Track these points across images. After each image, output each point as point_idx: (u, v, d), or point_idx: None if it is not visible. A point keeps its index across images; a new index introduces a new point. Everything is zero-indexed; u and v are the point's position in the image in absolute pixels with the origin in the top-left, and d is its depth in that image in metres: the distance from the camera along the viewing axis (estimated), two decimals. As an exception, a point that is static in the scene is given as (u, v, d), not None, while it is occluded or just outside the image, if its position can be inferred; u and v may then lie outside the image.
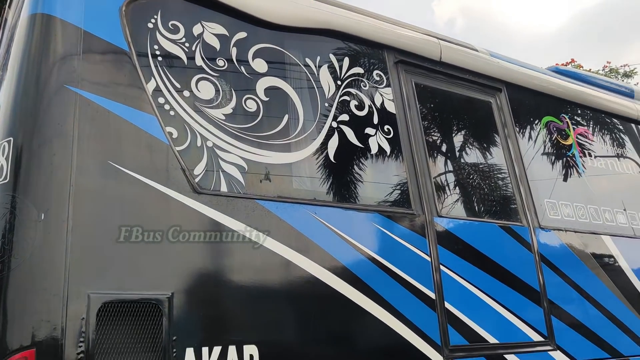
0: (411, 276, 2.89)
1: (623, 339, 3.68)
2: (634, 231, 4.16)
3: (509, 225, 3.43)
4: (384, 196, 3.08)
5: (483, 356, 3.01)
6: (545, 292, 3.39)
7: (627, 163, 4.55)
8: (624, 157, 4.55)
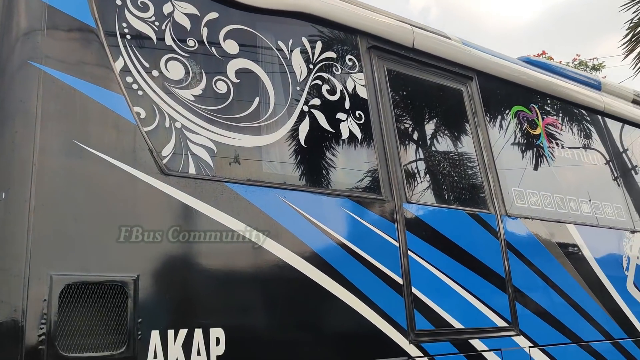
0: (379, 261, 2.91)
1: (584, 325, 3.78)
2: (598, 220, 4.26)
3: (476, 213, 3.48)
4: (354, 181, 3.09)
5: (448, 341, 3.06)
6: (510, 278, 3.45)
7: (593, 154, 4.64)
8: (589, 148, 4.64)
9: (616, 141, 4.97)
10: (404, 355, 2.85)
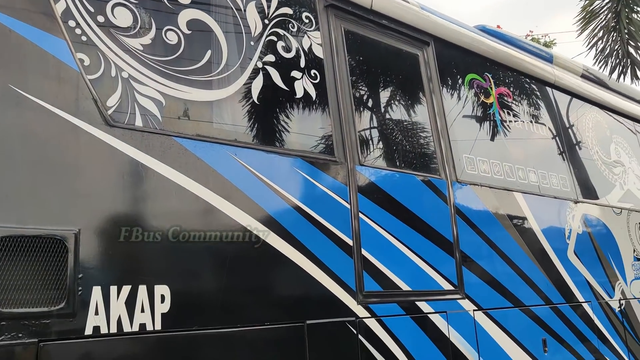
0: (330, 223, 2.90)
1: (525, 290, 3.89)
2: (544, 190, 4.36)
3: (428, 178, 3.50)
4: (307, 142, 3.04)
5: (395, 302, 3.09)
6: (458, 244, 3.51)
7: (541, 125, 4.73)
8: (539, 119, 4.72)
9: (564, 114, 5.08)
10: (352, 316, 2.86)
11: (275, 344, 2.59)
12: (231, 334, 2.46)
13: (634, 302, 4.93)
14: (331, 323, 2.79)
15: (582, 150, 5.07)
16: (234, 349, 2.48)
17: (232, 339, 2.46)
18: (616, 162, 5.47)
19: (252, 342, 2.53)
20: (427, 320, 3.21)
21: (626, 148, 5.76)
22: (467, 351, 3.35)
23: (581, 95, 5.32)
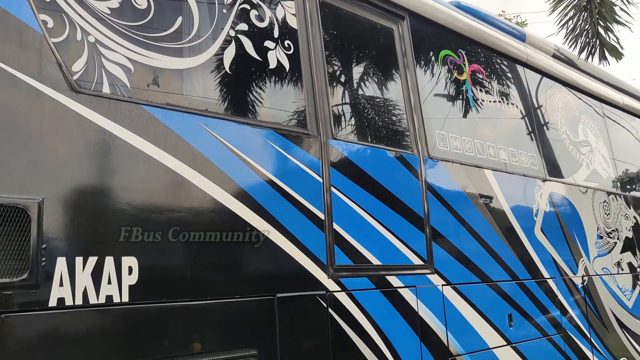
0: (302, 196, 2.87)
1: (493, 265, 3.95)
2: (513, 168, 4.41)
3: (400, 153, 3.49)
4: (280, 114, 2.99)
5: (366, 276, 3.10)
6: (428, 219, 3.52)
7: (513, 103, 4.76)
8: (510, 97, 4.75)
9: (534, 93, 5.12)
10: (323, 290, 2.86)
11: (245, 317, 2.57)
12: (200, 307, 2.43)
13: (595, 278, 5.05)
14: (301, 296, 2.78)
15: (551, 129, 5.13)
16: (203, 322, 2.45)
17: (201, 311, 2.43)
18: (583, 142, 5.56)
19: (221, 315, 2.50)
20: (397, 294, 3.23)
21: (593, 128, 5.86)
22: (435, 325, 3.39)
23: (552, 74, 5.36)
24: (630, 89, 7.14)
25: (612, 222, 5.54)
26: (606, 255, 5.32)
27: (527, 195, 4.49)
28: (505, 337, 3.88)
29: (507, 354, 3.87)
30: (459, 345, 3.52)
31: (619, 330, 5.23)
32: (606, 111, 6.28)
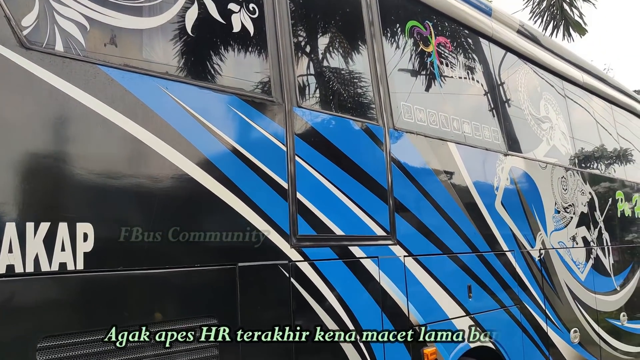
0: (265, 164, 2.82)
1: (454, 237, 3.99)
2: (476, 141, 4.43)
3: (365, 124, 3.46)
4: (243, 80, 2.91)
5: (329, 246, 3.08)
6: (392, 190, 3.52)
7: (477, 77, 4.77)
8: (475, 70, 4.75)
9: (498, 68, 5.14)
10: (285, 259, 2.83)
11: (205, 286, 2.52)
12: (159, 275, 2.36)
13: (552, 252, 5.18)
14: (263, 266, 2.75)
15: (513, 104, 5.17)
16: (162, 291, 2.39)
17: (160, 280, 2.37)
18: (545, 118, 5.64)
19: (181, 284, 2.45)
20: (359, 264, 3.22)
21: (554, 105, 5.94)
22: (396, 295, 3.41)
23: (516, 50, 5.39)
24: (590, 68, 7.26)
25: (569, 198, 5.67)
26: (562, 230, 5.45)
27: (488, 169, 4.54)
28: (465, 308, 3.94)
29: (466, 324, 3.93)
30: (420, 315, 3.55)
31: (571, 302, 5.39)
32: (567, 89, 6.38)
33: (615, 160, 7.40)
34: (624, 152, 7.65)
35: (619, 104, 7.82)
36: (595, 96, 7.15)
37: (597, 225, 6.23)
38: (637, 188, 7.69)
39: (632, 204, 7.40)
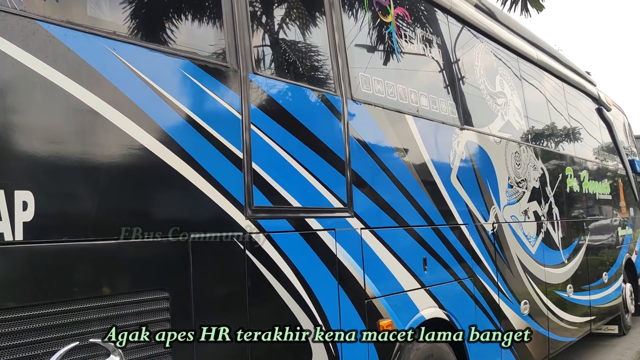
0: (219, 132, 2.71)
1: (410, 210, 3.98)
2: (433, 115, 4.42)
3: (323, 94, 3.38)
4: (197, 43, 2.77)
5: (285, 218, 3.01)
6: (349, 162, 3.47)
7: (435, 50, 4.74)
8: (432, 43, 4.72)
9: (456, 42, 5.13)
10: (240, 231, 2.74)
11: (156, 258, 2.42)
12: (106, 247, 2.25)
13: (505, 225, 5.26)
14: (217, 237, 2.65)
15: (470, 79, 5.18)
16: (110, 263, 2.27)
17: (108, 252, 2.25)
18: (500, 94, 5.68)
19: (130, 255, 2.33)
20: (316, 237, 3.17)
21: (509, 81, 6.00)
22: (353, 268, 3.39)
23: (473, 24, 5.39)
24: (544, 45, 7.36)
25: (522, 173, 5.76)
26: (515, 204, 5.54)
27: (445, 143, 4.54)
28: (420, 280, 3.96)
29: (421, 296, 3.95)
30: (376, 288, 3.54)
31: (522, 275, 5.51)
32: (522, 65, 6.45)
33: (566, 137, 7.56)
34: (573, 130, 7.83)
35: (570, 82, 7.98)
36: (548, 73, 7.26)
37: (548, 200, 6.38)
38: (585, 165, 7.90)
39: (580, 180, 7.61)
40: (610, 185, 8.96)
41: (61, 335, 2.07)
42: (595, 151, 8.69)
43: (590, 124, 8.69)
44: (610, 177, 9.10)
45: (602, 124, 9.30)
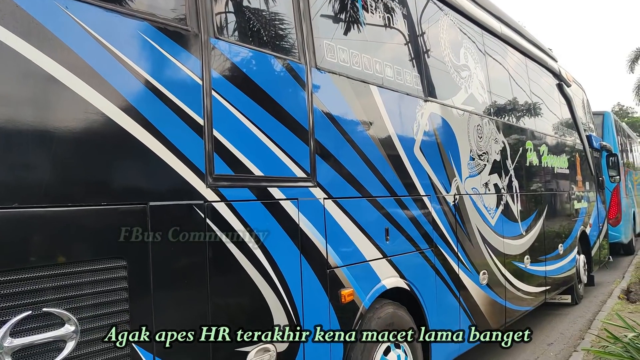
0: (179, 98, 2.63)
1: (373, 181, 3.98)
2: (398, 86, 4.41)
3: (287, 61, 3.32)
4: (156, 5, 2.65)
5: (247, 187, 2.97)
6: (313, 131, 3.43)
7: (401, 20, 4.70)
8: (398, 14, 4.68)
9: (421, 13, 5.09)
10: (200, 199, 2.69)
11: (113, 226, 2.34)
12: (61, 214, 2.17)
13: (465, 197, 5.33)
14: (176, 206, 2.60)
15: (435, 50, 5.17)
16: (65, 231, 2.20)
17: (62, 219, 2.18)
18: (464, 66, 5.70)
19: (86, 224, 2.26)
20: (278, 206, 3.14)
21: (473, 54, 6.02)
22: (315, 238, 3.38)
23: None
24: (508, 20, 7.39)
25: (483, 145, 5.83)
26: (476, 176, 5.61)
27: (408, 114, 4.54)
28: (382, 250, 3.99)
29: (383, 266, 3.99)
30: (338, 257, 3.55)
31: (482, 246, 5.62)
32: (486, 39, 6.47)
33: (527, 112, 7.67)
34: (534, 105, 7.95)
35: (533, 57, 8.07)
36: (511, 48, 7.32)
37: (508, 173, 6.48)
38: (544, 139, 8.05)
39: (540, 154, 7.76)
40: (568, 160, 9.17)
41: (13, 305, 2.00)
42: (554, 126, 8.86)
43: (550, 100, 8.84)
44: (568, 152, 9.31)
45: (562, 100, 9.48)
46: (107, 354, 2.28)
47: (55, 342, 2.12)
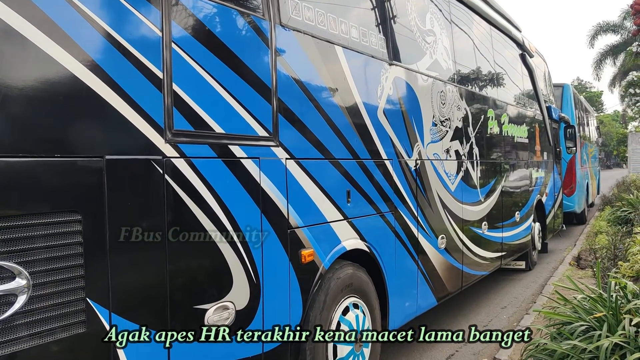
0: (137, 49, 2.54)
1: (336, 143, 3.97)
2: (363, 48, 4.36)
3: (251, 16, 3.23)
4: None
5: (207, 144, 2.92)
6: (276, 90, 3.38)
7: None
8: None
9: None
10: (159, 155, 2.63)
11: (67, 179, 2.27)
12: (13, 165, 2.09)
13: (427, 162, 5.38)
14: (134, 160, 2.53)
15: (401, 14, 5.13)
16: (18, 183, 2.12)
17: (14, 170, 2.10)
18: (429, 32, 5.68)
19: (39, 176, 2.18)
20: (239, 164, 3.10)
21: (439, 19, 6.00)
22: (276, 197, 3.36)
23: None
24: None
25: (446, 112, 5.86)
26: (438, 142, 5.66)
27: (373, 77, 4.52)
28: (343, 212, 4.00)
29: (344, 228, 4.01)
30: (299, 217, 3.55)
31: (441, 211, 5.70)
32: (452, 7, 6.45)
33: (490, 81, 7.74)
34: (497, 74, 8.02)
35: (497, 25, 8.11)
36: (476, 16, 7.33)
37: (469, 140, 6.56)
38: (506, 109, 8.16)
39: (501, 123, 7.87)
40: (528, 130, 9.33)
41: (-39, 257, 1.94)
42: (516, 96, 8.98)
43: (513, 70, 8.93)
44: (529, 122, 9.47)
45: (525, 71, 9.59)
46: (61, 308, 2.24)
47: (6, 296, 2.06)
